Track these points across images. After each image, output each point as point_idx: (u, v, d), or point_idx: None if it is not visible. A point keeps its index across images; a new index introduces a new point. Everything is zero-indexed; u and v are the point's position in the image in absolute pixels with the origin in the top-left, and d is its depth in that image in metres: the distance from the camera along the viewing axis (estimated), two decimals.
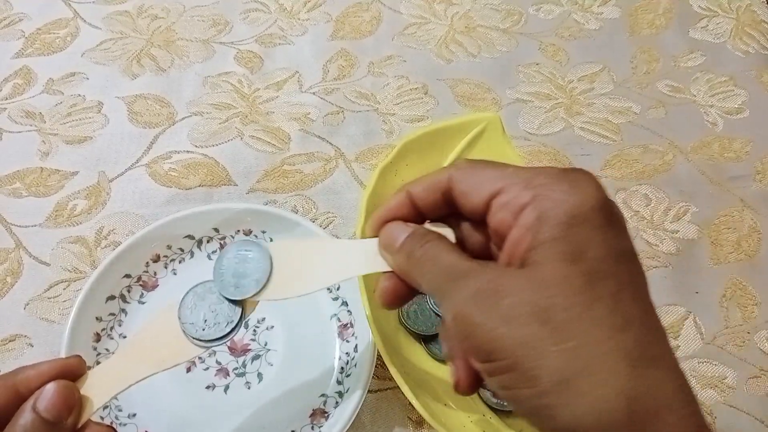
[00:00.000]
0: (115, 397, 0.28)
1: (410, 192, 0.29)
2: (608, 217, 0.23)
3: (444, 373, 0.39)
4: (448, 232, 0.29)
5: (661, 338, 0.22)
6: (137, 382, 0.29)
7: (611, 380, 0.21)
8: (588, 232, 0.23)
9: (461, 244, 0.28)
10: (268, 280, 0.29)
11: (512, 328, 0.22)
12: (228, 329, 0.29)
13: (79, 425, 0.27)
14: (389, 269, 0.29)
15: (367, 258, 0.30)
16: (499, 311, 0.22)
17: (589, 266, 0.22)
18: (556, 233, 0.23)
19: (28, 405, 0.26)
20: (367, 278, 0.37)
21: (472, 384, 0.26)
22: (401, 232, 0.28)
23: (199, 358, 0.41)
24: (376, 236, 0.29)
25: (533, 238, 0.23)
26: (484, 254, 0.28)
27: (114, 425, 0.38)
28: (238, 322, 0.29)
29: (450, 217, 0.29)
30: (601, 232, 0.23)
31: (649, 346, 0.22)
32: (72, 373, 0.28)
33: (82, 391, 0.28)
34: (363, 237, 0.31)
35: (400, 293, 0.28)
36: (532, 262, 0.23)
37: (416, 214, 0.29)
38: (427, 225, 0.29)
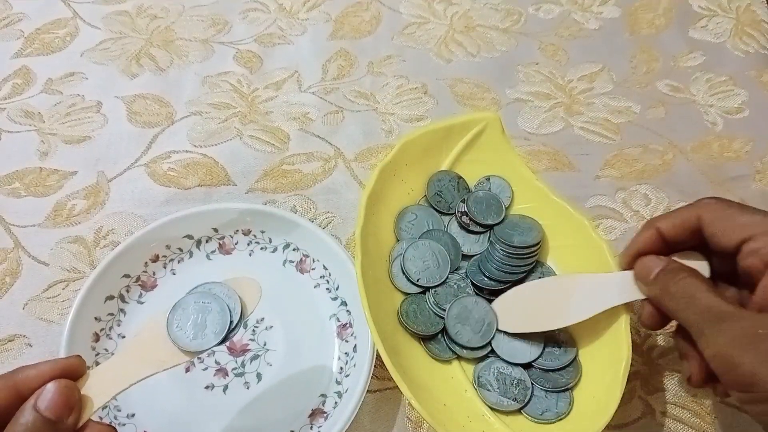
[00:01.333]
0: (114, 397, 0.28)
1: (659, 227, 0.33)
2: None
3: (443, 372, 0.39)
4: (704, 266, 0.32)
5: None
6: (138, 382, 0.29)
7: None
8: None
9: (711, 272, 0.32)
10: (230, 330, 0.30)
11: None
12: (217, 340, 0.30)
13: (80, 425, 0.27)
14: (644, 297, 0.33)
15: (622, 289, 0.34)
16: (760, 352, 0.26)
17: None
18: None
19: (28, 404, 0.26)
20: (366, 279, 0.37)
21: (704, 380, 0.30)
22: (655, 265, 0.32)
23: (198, 358, 0.41)
24: (629, 269, 0.34)
25: None
26: (732, 281, 0.31)
27: (113, 425, 0.38)
28: (229, 332, 0.30)
29: (699, 247, 0.32)
30: None
31: None
32: (72, 373, 0.28)
33: (83, 391, 0.28)
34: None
35: (662, 316, 0.32)
36: None
37: (665, 247, 0.33)
38: (681, 255, 0.33)
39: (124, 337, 0.41)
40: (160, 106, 0.54)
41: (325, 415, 0.39)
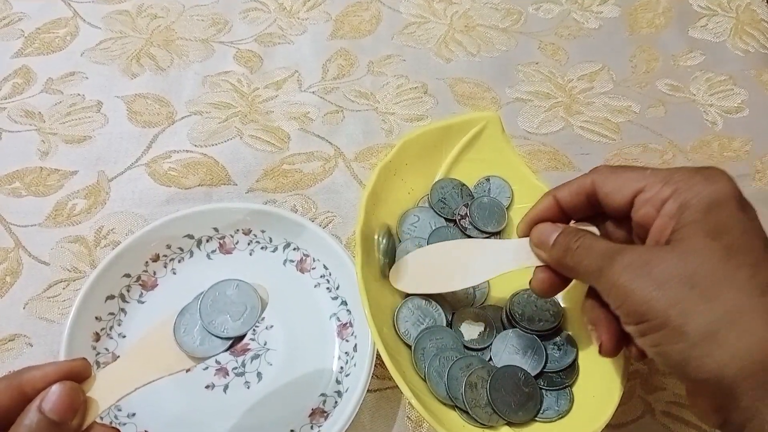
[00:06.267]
0: (119, 401, 0.28)
1: (556, 196, 0.33)
2: (742, 203, 0.27)
3: None
4: (594, 230, 0.32)
5: None
6: (143, 386, 0.29)
7: (754, 332, 0.24)
8: (725, 215, 0.26)
9: (607, 239, 0.32)
10: (240, 336, 0.31)
11: (663, 291, 0.25)
12: (223, 347, 0.30)
13: (84, 427, 0.27)
14: (541, 264, 0.33)
15: (518, 255, 0.34)
16: (651, 278, 0.26)
17: (729, 241, 0.26)
18: (698, 216, 0.27)
19: (33, 405, 0.26)
20: (366, 279, 0.37)
21: (615, 347, 0.30)
22: (553, 230, 0.32)
23: None
24: (526, 236, 0.34)
25: (677, 223, 0.27)
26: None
27: (113, 425, 0.38)
28: (235, 339, 0.30)
29: (593, 217, 0.33)
30: (737, 215, 0.27)
31: None
32: (77, 375, 0.28)
33: (88, 394, 0.28)
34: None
35: (554, 283, 0.33)
36: (677, 239, 0.27)
37: (562, 216, 0.33)
38: (575, 225, 0.33)
39: (124, 336, 0.42)
40: (160, 106, 0.54)
41: (325, 414, 0.39)
